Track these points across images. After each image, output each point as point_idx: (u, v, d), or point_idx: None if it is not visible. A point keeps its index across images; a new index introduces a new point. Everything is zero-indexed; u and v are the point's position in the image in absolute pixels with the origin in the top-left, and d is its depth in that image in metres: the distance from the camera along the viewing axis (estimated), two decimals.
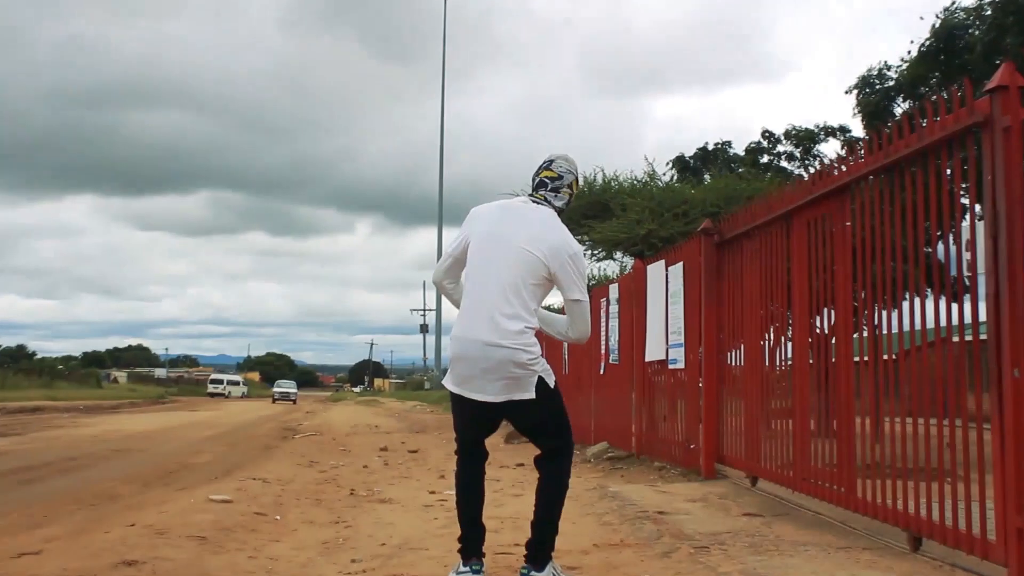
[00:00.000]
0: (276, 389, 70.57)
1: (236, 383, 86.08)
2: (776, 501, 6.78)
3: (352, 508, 7.98)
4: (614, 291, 11.90)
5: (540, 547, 4.41)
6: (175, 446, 16.72)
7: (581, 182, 4.74)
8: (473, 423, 4.53)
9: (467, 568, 4.42)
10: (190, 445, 17.03)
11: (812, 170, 6.57)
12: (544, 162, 4.69)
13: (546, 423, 4.54)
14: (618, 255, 21.35)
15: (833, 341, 6.08)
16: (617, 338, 11.63)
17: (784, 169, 22.57)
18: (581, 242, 21.62)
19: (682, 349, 9.01)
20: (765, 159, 23.49)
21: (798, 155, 22.77)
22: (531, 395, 4.37)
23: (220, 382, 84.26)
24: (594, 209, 20.66)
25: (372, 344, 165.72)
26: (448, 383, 4.48)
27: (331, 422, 27.12)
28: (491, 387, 4.33)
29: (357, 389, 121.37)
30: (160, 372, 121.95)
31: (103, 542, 5.71)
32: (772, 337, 7.28)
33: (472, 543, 4.48)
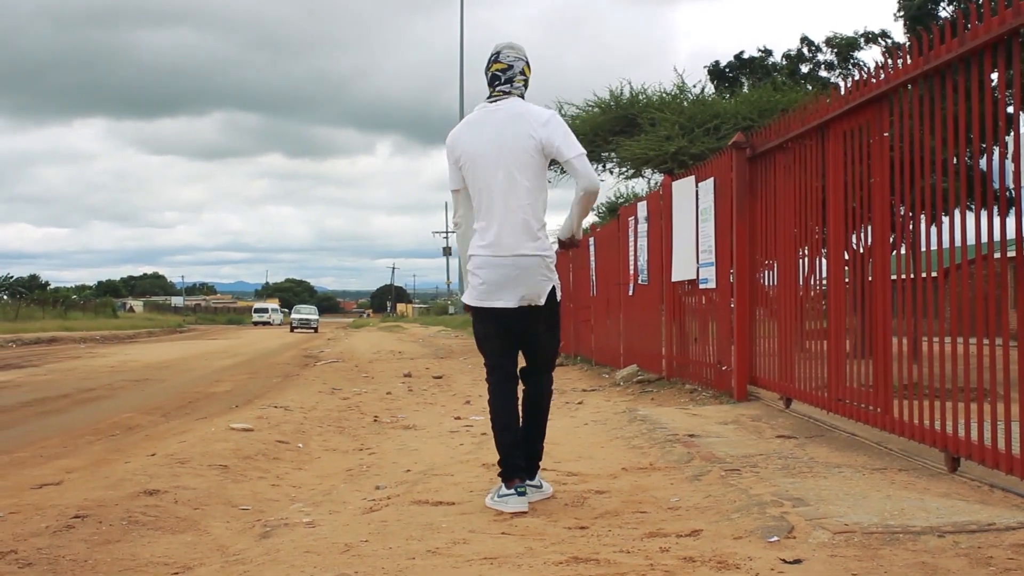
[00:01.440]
0: (294, 316, 59.57)
1: (276, 311, 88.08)
2: (810, 422, 6.83)
3: (376, 435, 8.11)
4: (643, 209, 11.86)
5: (535, 458, 4.75)
6: (194, 375, 16.96)
7: (533, 66, 4.99)
8: (499, 335, 4.70)
9: (511, 491, 4.57)
10: (209, 374, 17.27)
11: (850, 79, 6.47)
12: (491, 56, 4.77)
13: (549, 334, 4.81)
14: (647, 172, 21.22)
15: (870, 259, 6.06)
16: (647, 258, 11.62)
17: (824, 79, 22.21)
18: (608, 159, 21.50)
19: (713, 268, 9.00)
20: (805, 68, 23.11)
21: (837, 64, 22.39)
22: (548, 299, 4.66)
23: (265, 311, 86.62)
24: (621, 124, 20.50)
25: (394, 268, 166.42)
26: (471, 299, 4.69)
27: (353, 349, 27.38)
28: (512, 294, 4.58)
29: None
30: (177, 300, 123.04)
31: (124, 472, 5.84)
32: (807, 255, 7.25)
33: (516, 466, 4.62)
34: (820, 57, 22.90)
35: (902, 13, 17.77)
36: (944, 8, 17.27)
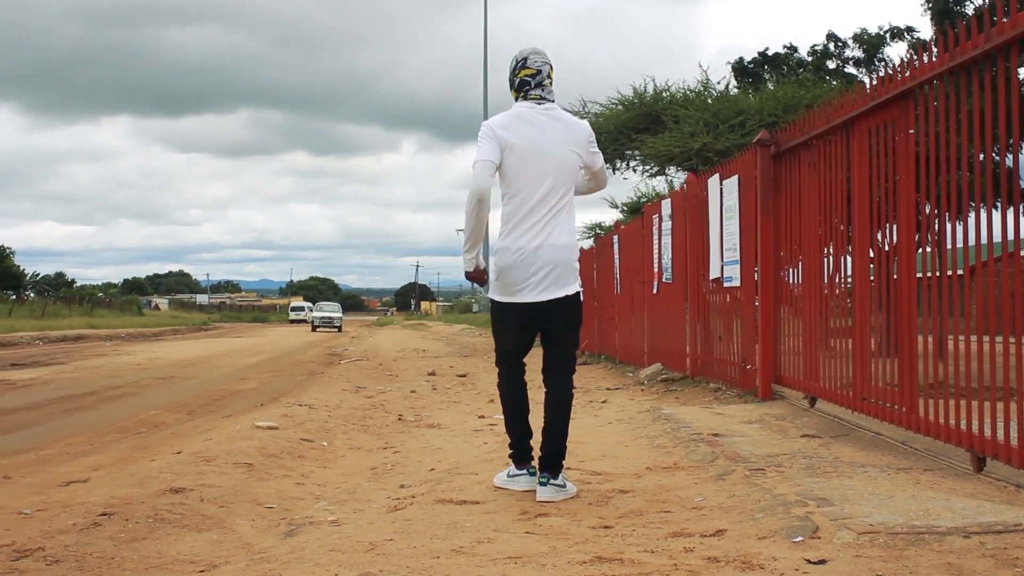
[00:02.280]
0: (316, 314, 54.94)
1: (311, 309, 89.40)
2: (835, 422, 6.81)
3: (400, 434, 8.14)
4: (667, 207, 11.84)
5: (558, 456, 4.80)
6: (219, 373, 17.07)
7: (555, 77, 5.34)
8: (522, 330, 4.88)
9: (523, 471, 4.92)
10: (234, 372, 17.38)
11: (875, 76, 6.44)
12: (517, 63, 4.90)
13: (571, 333, 4.94)
14: (671, 170, 21.17)
15: (895, 256, 6.04)
16: (671, 256, 11.61)
17: (850, 75, 22.08)
18: (631, 157, 21.48)
19: (738, 266, 8.99)
20: (831, 64, 22.99)
21: (864, 60, 22.26)
22: (574, 291, 4.84)
23: (301, 309, 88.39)
24: (644, 122, 20.45)
25: (418, 266, 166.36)
26: (497, 295, 4.84)
27: (377, 347, 27.45)
28: (539, 290, 4.74)
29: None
30: (202, 298, 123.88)
31: (150, 470, 5.89)
32: (831, 253, 7.23)
33: (527, 452, 4.94)
34: (847, 53, 22.77)
35: (929, 6, 17.65)
36: (971, 2, 17.13)
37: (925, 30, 20.89)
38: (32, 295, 62.99)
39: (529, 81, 4.85)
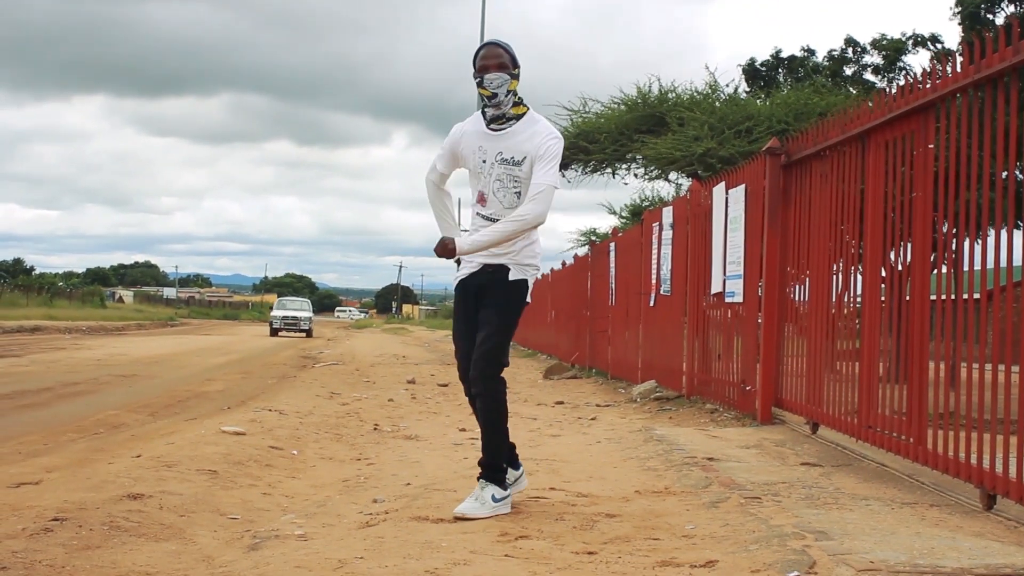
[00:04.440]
0: (277, 312, 45.42)
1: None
2: (838, 450, 6.83)
3: (375, 444, 8.12)
4: (668, 215, 11.86)
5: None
6: (185, 373, 17.02)
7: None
8: None
9: (510, 491, 5.06)
10: (201, 372, 17.33)
11: (895, 85, 6.45)
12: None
13: None
14: (672, 175, 21.19)
15: (908, 277, 6.05)
16: (670, 267, 11.62)
17: (869, 83, 22.12)
18: (632, 159, 21.53)
19: (741, 281, 9.00)
20: (849, 71, 23.02)
21: (883, 68, 22.30)
22: None
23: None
24: (647, 123, 20.46)
25: (401, 267, 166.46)
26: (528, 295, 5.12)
27: (354, 351, 27.42)
28: None
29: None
30: (169, 292, 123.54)
31: (106, 473, 5.87)
32: (841, 270, 7.25)
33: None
34: (866, 59, 22.82)
35: (959, 10, 17.67)
36: (1004, 9, 17.17)
37: (949, 39, 20.96)
38: None
39: None
